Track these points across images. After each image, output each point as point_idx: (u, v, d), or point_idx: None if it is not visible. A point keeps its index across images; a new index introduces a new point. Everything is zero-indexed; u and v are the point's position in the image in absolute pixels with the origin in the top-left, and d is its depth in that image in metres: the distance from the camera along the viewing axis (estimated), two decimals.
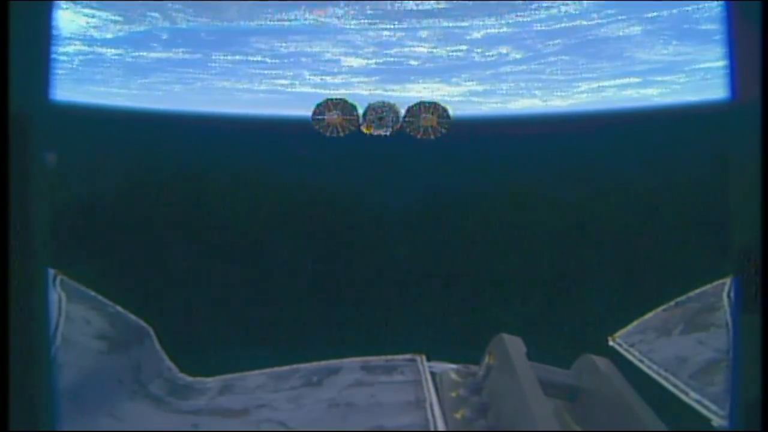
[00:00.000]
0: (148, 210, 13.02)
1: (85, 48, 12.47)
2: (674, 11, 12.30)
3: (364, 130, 5.19)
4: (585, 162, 14.09)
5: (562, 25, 12.74)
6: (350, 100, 5.20)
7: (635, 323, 4.39)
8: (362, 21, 12.34)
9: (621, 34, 13.00)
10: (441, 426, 3.22)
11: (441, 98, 14.31)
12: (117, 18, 11.91)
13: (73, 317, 3.65)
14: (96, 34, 12.16)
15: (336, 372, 3.98)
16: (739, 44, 1.65)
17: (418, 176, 14.12)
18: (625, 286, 10.50)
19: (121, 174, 13.46)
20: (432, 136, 5.16)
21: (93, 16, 11.65)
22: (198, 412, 3.53)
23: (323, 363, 4.16)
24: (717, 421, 2.84)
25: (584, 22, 12.66)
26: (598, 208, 13.21)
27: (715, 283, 4.09)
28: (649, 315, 4.41)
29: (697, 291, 4.27)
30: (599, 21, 12.58)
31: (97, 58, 12.96)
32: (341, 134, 5.18)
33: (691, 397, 3.15)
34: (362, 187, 14.22)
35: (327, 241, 13.29)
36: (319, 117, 5.13)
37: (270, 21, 12.46)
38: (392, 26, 12.54)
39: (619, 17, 12.48)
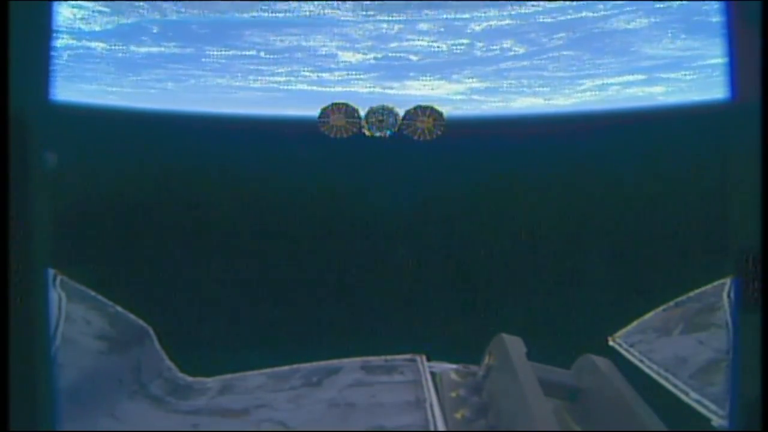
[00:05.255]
0: (148, 211, 13.02)
1: (74, 42, 12.12)
2: (685, 2, 11.95)
3: (366, 132, 5.29)
4: (585, 163, 14.07)
5: (567, 17, 12.39)
6: (353, 104, 5.31)
7: (635, 323, 4.40)
8: (359, 13, 12.12)
9: (628, 27, 12.63)
10: (441, 426, 3.22)
11: (442, 97, 14.16)
12: (103, 9, 11.64)
13: (73, 317, 3.65)
14: (83, 26, 11.83)
15: (336, 372, 3.98)
16: (739, 44, 1.65)
17: (419, 177, 14.11)
18: (625, 286, 10.50)
19: (121, 175, 13.46)
20: (428, 138, 5.27)
21: (79, 7, 11.37)
22: (198, 412, 3.53)
23: (323, 363, 4.16)
24: (717, 421, 2.84)
25: (590, 14, 12.32)
26: (597, 209, 13.20)
27: (715, 283, 4.09)
28: (649, 315, 4.42)
29: (697, 291, 4.27)
30: (605, 13, 12.24)
31: (86, 53, 12.61)
32: (344, 136, 5.29)
33: (691, 397, 3.15)
34: (362, 187, 14.22)
35: (326, 241, 13.29)
36: (324, 120, 5.26)
37: (264, 13, 12.22)
38: (391, 18, 12.28)
39: (627, 8, 12.13)
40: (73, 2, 11.15)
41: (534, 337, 3.91)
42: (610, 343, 4.27)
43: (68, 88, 12.76)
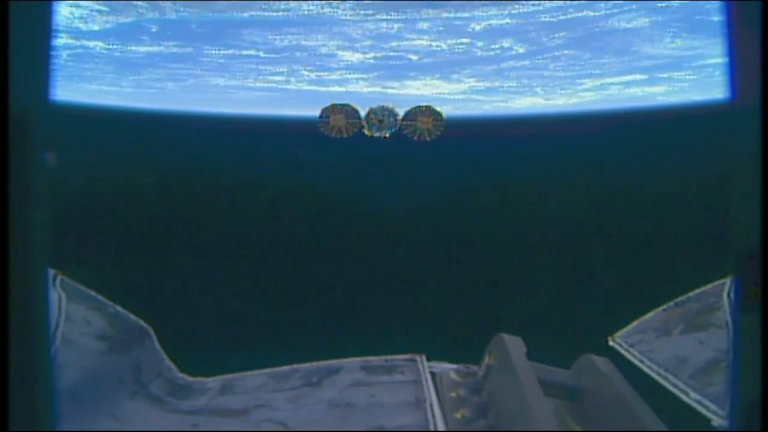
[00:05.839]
0: (148, 211, 13.02)
1: (72, 41, 12.03)
2: (686, 1, 11.83)
3: (366, 133, 5.31)
4: (585, 163, 14.07)
5: (568, 15, 12.31)
6: (353, 104, 5.33)
7: (635, 323, 4.40)
8: (359, 12, 12.05)
9: (629, 26, 12.54)
10: (441, 426, 3.22)
11: (442, 97, 14.09)
12: (102, 8, 11.56)
13: (73, 317, 3.65)
14: (82, 25, 11.75)
15: (336, 372, 3.98)
16: (739, 44, 1.65)
17: (419, 177, 14.11)
18: (625, 286, 10.50)
19: (121, 176, 13.45)
20: (428, 138, 5.29)
21: (77, 6, 11.29)
22: (198, 412, 3.53)
23: (323, 363, 4.16)
24: (717, 421, 2.84)
25: (591, 13, 12.23)
26: (598, 209, 13.20)
27: (715, 283, 4.09)
28: (649, 315, 4.42)
29: (697, 291, 4.27)
30: (606, 12, 12.15)
31: (85, 52, 12.52)
32: (345, 136, 5.31)
33: (691, 397, 3.15)
34: (362, 187, 14.22)
35: (327, 241, 13.29)
36: (325, 120, 5.28)
37: (263, 12, 12.14)
38: (390, 17, 12.21)
39: (627, 7, 12.03)
40: (72, 1, 11.09)
41: (534, 337, 3.91)
42: (610, 343, 4.26)
43: (67, 88, 12.72)
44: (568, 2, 12.02)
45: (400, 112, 5.30)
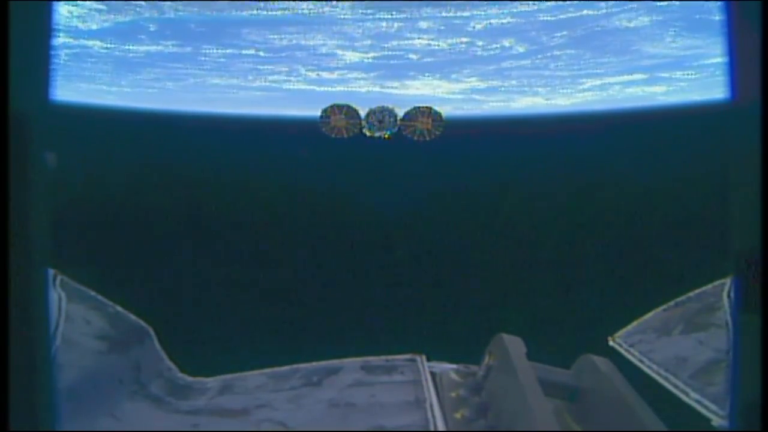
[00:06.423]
0: (148, 211, 13.02)
1: (71, 41, 12.03)
2: (686, 0, 11.82)
3: (366, 133, 5.33)
4: (585, 163, 14.07)
5: (568, 15, 12.31)
6: (354, 105, 5.35)
7: (635, 323, 4.39)
8: (358, 11, 12.05)
9: (629, 25, 12.53)
10: (441, 426, 3.22)
11: (442, 96, 14.07)
12: (100, 7, 11.57)
13: (73, 317, 3.65)
14: (81, 24, 11.77)
15: (336, 372, 3.98)
16: (739, 44, 1.65)
17: (419, 177, 14.11)
18: (625, 286, 10.50)
19: (121, 176, 13.45)
20: (428, 138, 5.30)
21: (76, 5, 11.31)
22: (198, 412, 3.53)
23: (323, 363, 4.16)
24: (717, 421, 2.83)
25: (591, 12, 12.23)
26: (597, 209, 13.20)
27: (715, 283, 4.08)
28: (649, 315, 4.41)
29: (697, 291, 4.26)
30: (607, 11, 12.15)
31: (83, 51, 12.52)
32: (345, 136, 5.33)
33: (691, 397, 3.15)
34: (363, 187, 14.22)
35: (327, 241, 13.29)
36: (325, 120, 5.31)
37: (262, 11, 12.14)
38: (390, 16, 12.21)
39: (628, 7, 12.01)
40: (71, 0, 11.11)
41: (534, 337, 3.91)
42: (610, 343, 4.26)
43: (67, 88, 12.71)
44: (568, 1, 12.01)
45: (400, 113, 5.31)
